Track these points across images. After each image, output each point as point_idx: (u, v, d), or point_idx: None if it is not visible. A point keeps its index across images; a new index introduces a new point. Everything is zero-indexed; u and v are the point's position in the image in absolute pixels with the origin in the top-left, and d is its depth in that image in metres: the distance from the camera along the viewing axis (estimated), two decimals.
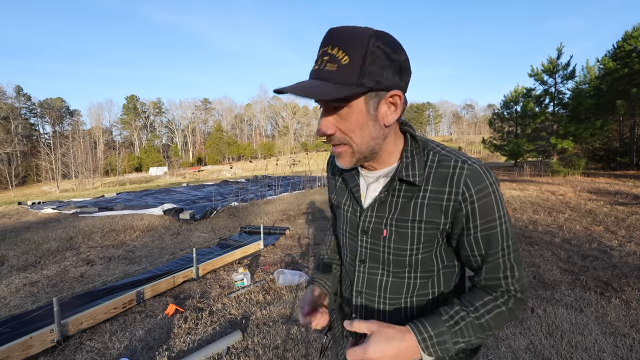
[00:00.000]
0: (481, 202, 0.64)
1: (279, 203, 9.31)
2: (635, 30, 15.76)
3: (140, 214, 8.23)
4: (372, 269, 0.76)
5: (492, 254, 0.66)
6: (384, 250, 0.72)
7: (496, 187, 0.65)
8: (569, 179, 13.11)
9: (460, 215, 0.65)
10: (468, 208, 0.64)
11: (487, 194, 0.64)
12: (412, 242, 0.69)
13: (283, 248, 4.78)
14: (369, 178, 0.75)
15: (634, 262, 3.63)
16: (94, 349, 2.37)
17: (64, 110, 70.67)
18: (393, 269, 0.73)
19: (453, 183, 0.64)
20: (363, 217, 0.74)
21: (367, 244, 0.75)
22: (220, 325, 2.66)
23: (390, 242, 0.71)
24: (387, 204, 0.71)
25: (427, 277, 0.73)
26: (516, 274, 0.67)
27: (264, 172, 23.62)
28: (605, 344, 2.21)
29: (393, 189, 0.70)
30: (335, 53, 0.56)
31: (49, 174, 38.33)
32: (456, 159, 0.66)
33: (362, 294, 0.78)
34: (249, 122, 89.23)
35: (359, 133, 0.62)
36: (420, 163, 0.68)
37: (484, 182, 0.64)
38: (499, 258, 0.66)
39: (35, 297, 3.40)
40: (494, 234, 0.65)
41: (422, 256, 0.71)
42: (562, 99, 18.79)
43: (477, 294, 0.68)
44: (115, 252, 4.93)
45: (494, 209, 0.64)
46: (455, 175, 0.64)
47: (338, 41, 0.57)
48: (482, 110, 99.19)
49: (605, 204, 7.07)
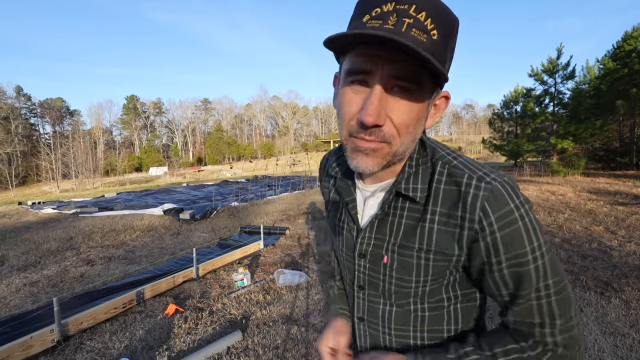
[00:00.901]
0: (504, 232, 0.49)
1: (279, 203, 9.31)
2: (635, 30, 15.76)
3: (141, 214, 8.24)
4: (372, 296, 0.65)
5: (523, 295, 0.52)
6: (384, 279, 0.61)
7: (525, 210, 0.50)
8: (568, 179, 13.11)
9: (478, 248, 0.52)
10: (487, 240, 0.50)
11: (513, 221, 0.49)
12: (418, 274, 0.57)
13: (283, 248, 4.78)
14: (366, 191, 0.62)
15: (634, 262, 3.63)
16: (94, 349, 2.38)
17: (64, 110, 70.67)
18: (396, 300, 0.62)
19: (466, 207, 0.51)
20: (360, 239, 0.62)
21: (365, 269, 0.64)
22: (220, 325, 2.66)
23: (391, 270, 0.59)
24: (388, 224, 0.59)
25: (438, 310, 0.61)
26: (557, 322, 0.51)
27: (264, 172, 23.63)
28: (605, 344, 2.21)
29: (394, 206, 0.58)
30: (422, 19, 0.42)
31: (49, 174, 38.34)
32: (470, 174, 0.52)
33: (364, 321, 0.68)
34: (249, 122, 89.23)
35: (412, 130, 0.49)
36: (425, 175, 0.56)
37: (507, 206, 0.49)
38: (532, 300, 0.51)
39: (36, 297, 3.40)
40: (525, 272, 0.50)
41: (430, 288, 0.58)
42: (562, 99, 18.79)
43: (500, 337, 0.55)
44: (116, 252, 4.94)
45: (523, 241, 0.49)
46: (469, 196, 0.51)
47: (428, 6, 0.43)
48: (482, 110, 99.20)
49: (605, 204, 7.07)
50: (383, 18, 0.43)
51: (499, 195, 0.50)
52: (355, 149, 0.50)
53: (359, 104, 0.47)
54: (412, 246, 0.56)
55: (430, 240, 0.55)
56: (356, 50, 0.46)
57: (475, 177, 0.52)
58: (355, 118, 0.48)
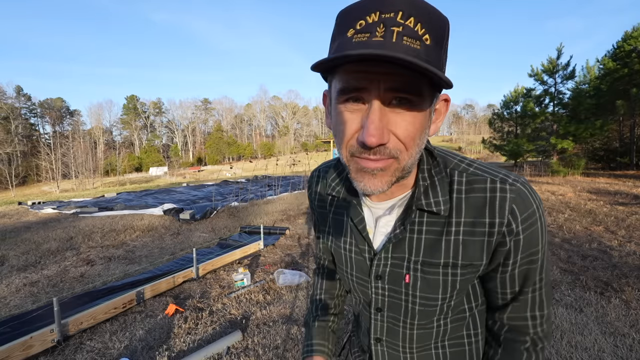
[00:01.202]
0: (527, 232, 0.50)
1: (279, 203, 9.31)
2: (635, 30, 15.76)
3: (141, 214, 8.24)
4: (392, 318, 0.61)
5: (525, 291, 0.54)
6: (407, 299, 0.58)
7: (542, 210, 0.52)
8: (568, 179, 13.11)
9: (501, 251, 0.51)
10: (512, 242, 0.50)
11: (535, 221, 0.50)
12: (445, 291, 0.55)
13: (283, 248, 4.78)
14: (377, 210, 0.58)
15: (634, 262, 3.63)
16: (94, 349, 2.38)
17: (64, 110, 70.67)
18: (419, 320, 0.59)
19: (495, 211, 0.50)
20: (376, 261, 0.58)
21: (384, 290, 0.60)
22: (220, 325, 2.66)
23: (415, 290, 0.56)
24: (407, 241, 0.55)
25: (460, 320, 0.61)
26: (545, 312, 0.56)
27: (264, 172, 23.64)
28: (605, 344, 2.21)
29: (412, 222, 0.54)
30: (411, 25, 0.39)
31: (49, 174, 38.34)
32: (492, 178, 0.51)
33: (382, 341, 0.65)
34: (249, 122, 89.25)
35: (418, 142, 0.46)
36: (443, 186, 0.53)
37: (531, 207, 0.50)
38: (528, 293, 0.55)
39: (36, 297, 3.40)
40: (533, 269, 0.53)
41: (455, 302, 0.57)
42: (562, 99, 18.80)
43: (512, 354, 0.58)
44: (115, 252, 4.94)
45: (538, 240, 0.51)
46: (497, 200, 0.50)
47: (416, 10, 0.40)
48: (482, 110, 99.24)
49: (605, 204, 7.07)
50: (370, 30, 0.40)
51: (524, 196, 0.50)
52: (361, 170, 0.46)
53: (357, 122, 0.44)
54: (437, 262, 0.54)
55: (457, 253, 0.52)
56: (345, 67, 0.43)
57: (498, 179, 0.51)
58: (355, 137, 0.45)
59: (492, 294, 0.58)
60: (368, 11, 0.40)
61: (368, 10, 0.40)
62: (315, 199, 0.72)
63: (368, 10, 0.40)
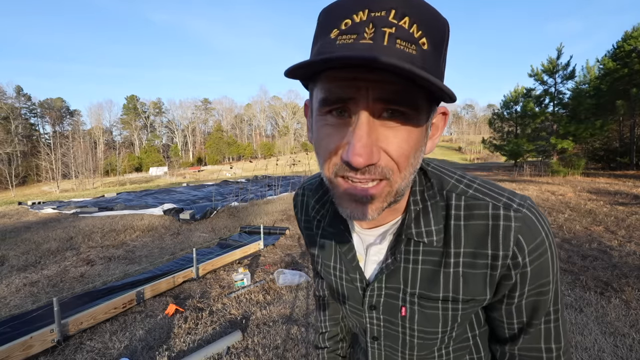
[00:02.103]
0: (535, 264, 0.45)
1: (279, 203, 9.31)
2: (635, 30, 15.77)
3: (141, 214, 8.23)
4: (390, 347, 0.58)
5: (535, 323, 0.49)
6: (405, 332, 0.54)
7: (552, 236, 0.46)
8: (568, 179, 13.11)
9: (506, 284, 0.47)
10: (518, 275, 0.45)
11: (544, 251, 0.45)
12: (445, 325, 0.51)
13: (283, 248, 4.78)
14: (366, 237, 0.53)
15: (634, 262, 3.63)
16: (94, 349, 2.38)
17: (64, 110, 70.69)
18: (418, 352, 0.56)
19: (498, 242, 0.44)
20: (369, 292, 0.54)
21: (379, 320, 0.56)
22: (220, 325, 2.66)
23: (412, 323, 0.52)
24: (401, 271, 0.50)
25: (463, 349, 0.58)
26: (562, 344, 0.50)
27: (264, 172, 23.62)
28: (605, 344, 2.21)
29: (405, 250, 0.49)
30: (406, 26, 0.34)
31: (49, 174, 38.35)
32: (495, 203, 0.45)
33: None
34: (249, 122, 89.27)
35: (413, 161, 0.40)
36: (437, 213, 0.47)
37: (540, 235, 0.44)
38: (541, 324, 0.49)
39: (36, 297, 3.40)
40: (542, 300, 0.48)
41: (457, 333, 0.54)
42: (562, 99, 18.83)
43: None
44: (115, 252, 4.94)
45: (548, 270, 0.46)
46: (500, 229, 0.44)
47: (411, 9, 0.34)
48: (482, 110, 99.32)
49: (605, 204, 7.06)
50: (357, 31, 0.34)
51: (531, 224, 0.44)
52: (345, 194, 0.40)
53: (341, 137, 0.37)
54: (436, 296, 0.49)
55: (457, 287, 0.48)
56: (327, 74, 0.36)
57: (501, 204, 0.45)
58: (340, 155, 0.38)
59: (497, 323, 0.53)
60: (355, 8, 0.34)
61: (355, 7, 0.34)
62: (301, 220, 0.66)
63: (355, 8, 0.34)
